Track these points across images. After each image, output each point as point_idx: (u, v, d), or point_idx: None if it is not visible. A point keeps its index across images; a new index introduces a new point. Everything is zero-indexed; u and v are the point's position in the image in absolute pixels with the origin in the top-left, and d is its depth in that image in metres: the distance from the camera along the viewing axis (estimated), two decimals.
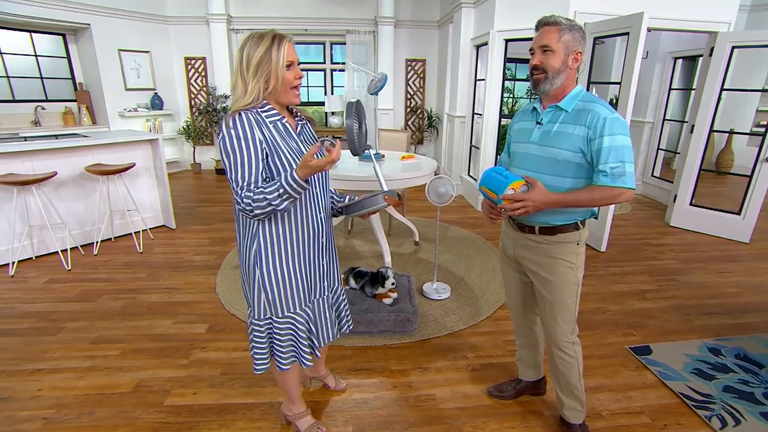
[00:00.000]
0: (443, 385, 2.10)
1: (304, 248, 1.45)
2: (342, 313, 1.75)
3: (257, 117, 1.29)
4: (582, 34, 1.44)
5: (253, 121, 1.27)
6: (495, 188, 1.46)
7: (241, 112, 1.26)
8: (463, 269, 3.43)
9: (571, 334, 1.63)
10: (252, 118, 1.27)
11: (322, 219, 1.48)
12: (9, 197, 3.32)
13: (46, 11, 5.37)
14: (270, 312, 1.47)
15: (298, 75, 1.34)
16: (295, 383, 1.72)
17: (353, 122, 1.58)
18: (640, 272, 3.42)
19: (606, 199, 1.40)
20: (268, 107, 1.33)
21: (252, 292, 1.45)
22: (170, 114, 6.88)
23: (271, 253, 1.39)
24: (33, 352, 2.34)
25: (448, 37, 6.09)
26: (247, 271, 1.44)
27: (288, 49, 1.29)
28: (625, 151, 1.37)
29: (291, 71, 1.31)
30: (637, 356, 2.30)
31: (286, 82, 1.30)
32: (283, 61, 1.27)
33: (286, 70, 1.29)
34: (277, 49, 1.27)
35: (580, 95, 1.48)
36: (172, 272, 3.34)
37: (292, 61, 1.31)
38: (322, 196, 1.48)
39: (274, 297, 1.44)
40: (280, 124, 1.34)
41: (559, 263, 1.56)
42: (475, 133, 5.55)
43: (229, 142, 1.25)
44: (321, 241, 1.51)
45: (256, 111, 1.30)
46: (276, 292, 1.43)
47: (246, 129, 1.25)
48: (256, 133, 1.26)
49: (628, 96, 3.37)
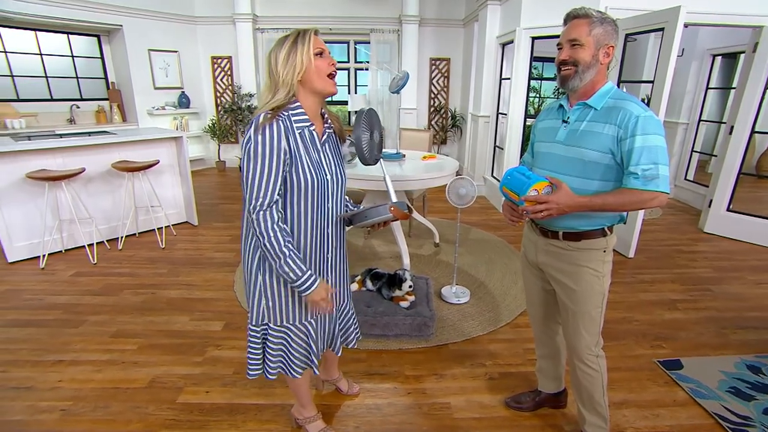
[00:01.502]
0: (459, 393, 2.03)
1: (313, 259, 1.41)
2: (350, 328, 1.70)
3: (286, 123, 1.24)
4: (614, 27, 1.35)
5: (282, 130, 1.22)
6: (517, 189, 1.38)
7: (273, 122, 1.20)
8: (484, 273, 3.34)
9: (595, 346, 1.54)
10: (282, 126, 1.22)
11: (330, 233, 1.44)
12: (41, 192, 3.43)
13: (83, 13, 5.58)
14: (267, 318, 1.43)
15: (332, 62, 1.28)
16: (305, 387, 1.69)
17: (362, 133, 1.50)
18: (671, 280, 3.25)
19: (636, 203, 1.31)
20: (298, 110, 1.28)
21: (252, 296, 1.42)
22: (196, 112, 7.01)
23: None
24: (56, 343, 2.39)
25: (473, 35, 5.98)
26: (249, 275, 1.40)
27: (315, 39, 1.26)
28: (659, 152, 1.27)
29: (323, 59, 1.27)
30: (667, 370, 2.17)
31: (318, 69, 1.26)
32: (309, 47, 1.24)
33: (319, 57, 1.26)
34: (302, 38, 1.24)
35: (610, 92, 1.38)
36: (192, 268, 3.38)
37: (322, 49, 1.27)
38: (333, 210, 1.43)
39: (275, 305, 1.40)
40: (306, 132, 1.30)
41: (583, 271, 1.47)
42: (500, 133, 5.43)
43: (253, 147, 1.19)
44: (328, 256, 1.46)
45: (287, 115, 1.25)
46: (277, 301, 1.40)
47: (274, 138, 1.20)
48: (282, 143, 1.21)
49: (662, 96, 3.20)
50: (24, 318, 2.65)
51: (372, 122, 1.55)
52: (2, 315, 2.68)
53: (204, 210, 4.81)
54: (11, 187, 3.37)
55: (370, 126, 1.54)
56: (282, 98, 1.24)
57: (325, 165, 1.35)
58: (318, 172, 1.32)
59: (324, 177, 1.34)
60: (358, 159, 1.53)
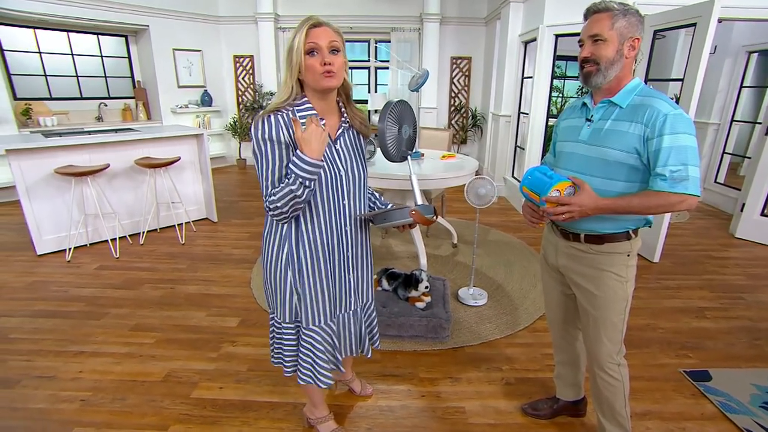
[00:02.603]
0: (474, 398, 1.99)
1: (329, 260, 1.38)
2: (374, 329, 1.67)
3: (284, 118, 1.22)
4: (639, 18, 1.29)
5: (281, 123, 1.21)
6: (538, 189, 1.33)
7: (270, 114, 1.22)
8: (502, 275, 3.28)
9: (616, 354, 1.47)
10: (281, 119, 1.21)
11: (348, 230, 1.40)
12: (68, 187, 3.53)
13: (113, 14, 5.75)
14: (299, 317, 1.42)
15: (324, 61, 1.19)
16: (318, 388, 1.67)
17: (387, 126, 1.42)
18: (698, 287, 3.11)
19: (663, 206, 1.24)
20: (306, 105, 1.26)
21: (282, 294, 1.39)
22: (218, 110, 7.12)
23: (303, 257, 1.34)
24: (79, 335, 2.45)
25: (495, 33, 5.88)
26: (275, 273, 1.37)
27: (310, 34, 1.18)
28: (689, 153, 1.20)
29: (315, 57, 1.19)
30: (694, 382, 2.07)
31: (309, 68, 1.20)
32: (301, 46, 1.19)
33: (309, 57, 1.19)
34: (298, 35, 1.19)
35: (637, 89, 1.32)
36: (210, 264, 3.42)
37: (316, 46, 1.18)
38: (349, 206, 1.39)
39: (306, 303, 1.39)
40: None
41: (606, 276, 1.41)
42: (521, 133, 5.32)
43: (258, 147, 1.22)
44: (348, 253, 1.42)
45: (291, 110, 1.24)
46: (308, 298, 1.38)
47: (273, 132, 1.20)
48: (282, 135, 1.21)
49: (692, 95, 3.07)
50: (50, 309, 2.73)
51: (402, 116, 1.46)
52: (31, 305, 2.77)
53: (224, 207, 4.87)
54: (41, 182, 3.48)
55: (399, 120, 1.46)
56: (285, 97, 1.23)
57: (338, 160, 1.33)
58: (330, 165, 1.30)
59: (336, 172, 1.32)
60: (382, 155, 1.46)
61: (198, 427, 1.79)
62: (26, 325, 2.54)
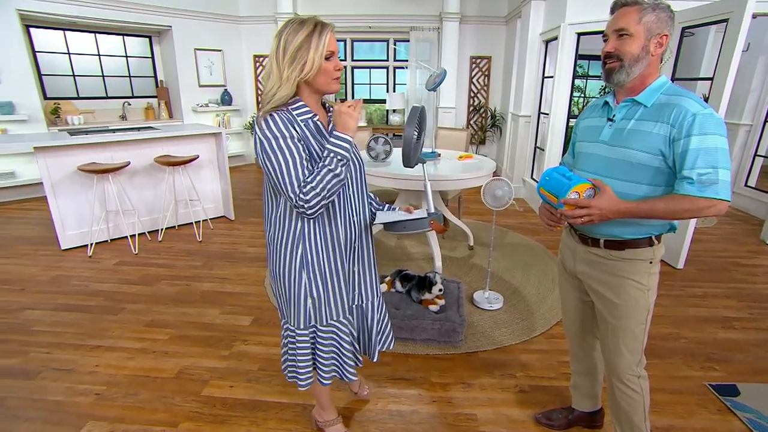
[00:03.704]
0: (486, 405, 1.94)
1: (342, 251, 1.37)
2: (387, 327, 1.63)
3: (288, 115, 1.22)
4: (669, 14, 1.22)
5: (286, 120, 1.20)
6: (556, 191, 1.27)
7: (273, 113, 1.20)
8: (519, 279, 3.21)
9: (636, 366, 1.40)
10: (284, 116, 1.21)
11: (355, 223, 1.40)
12: (90, 184, 3.62)
13: (137, 16, 5.89)
14: (314, 320, 1.39)
15: (338, 66, 1.25)
16: (326, 391, 1.66)
17: (413, 131, 1.41)
18: (725, 296, 2.98)
19: (690, 211, 1.17)
20: (299, 104, 1.25)
21: (297, 299, 1.36)
22: (238, 109, 7.21)
23: (318, 254, 1.32)
24: (96, 329, 2.50)
25: (516, 32, 5.78)
26: (288, 277, 1.34)
27: (330, 39, 1.21)
28: (719, 155, 1.13)
29: (331, 62, 1.23)
30: (720, 396, 1.97)
31: (324, 72, 1.22)
32: (323, 50, 1.19)
33: (326, 61, 1.21)
34: (318, 37, 1.18)
35: (663, 87, 1.25)
36: (226, 262, 3.45)
37: (333, 51, 1.22)
38: (355, 198, 1.40)
39: (321, 303, 1.37)
40: (311, 123, 1.27)
41: (627, 284, 1.34)
42: (541, 133, 5.22)
43: (269, 145, 1.18)
44: (355, 245, 1.42)
45: (287, 110, 1.23)
46: (323, 297, 1.37)
47: (282, 127, 1.19)
48: (293, 131, 1.20)
49: (722, 95, 2.93)
50: (71, 303, 2.80)
51: (422, 122, 1.48)
52: (53, 299, 2.84)
53: (241, 205, 4.92)
54: (66, 179, 3.57)
55: (420, 125, 1.46)
56: (283, 98, 1.21)
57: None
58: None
59: None
60: (402, 159, 1.44)
61: (207, 426, 1.79)
62: (48, 318, 2.61)
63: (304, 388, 1.47)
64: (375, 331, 1.55)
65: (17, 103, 5.02)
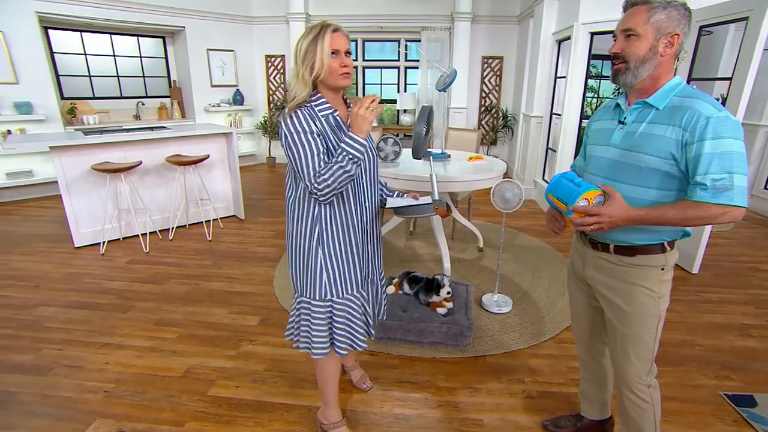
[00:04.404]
0: (493, 410, 1.91)
1: (356, 231, 1.49)
2: (383, 300, 1.75)
3: (311, 112, 1.34)
4: (683, 12, 1.17)
5: (308, 116, 1.33)
6: (564, 197, 1.24)
7: (297, 110, 1.33)
8: (529, 282, 3.16)
9: (646, 375, 1.37)
10: (306, 113, 1.33)
11: (367, 207, 1.52)
12: (103, 183, 3.67)
13: (152, 17, 5.97)
14: (331, 293, 1.49)
15: (343, 63, 1.34)
16: (334, 381, 1.68)
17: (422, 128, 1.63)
18: (743, 302, 2.90)
19: (703, 219, 1.13)
20: (321, 100, 1.37)
21: (314, 273, 1.47)
22: (250, 109, 7.26)
23: (333, 234, 1.45)
24: (106, 326, 2.54)
25: (528, 32, 5.72)
26: (307, 254, 1.46)
27: (333, 38, 1.31)
28: (734, 159, 1.09)
29: (336, 59, 1.33)
30: (736, 407, 1.91)
31: (330, 69, 1.33)
32: (326, 48, 1.31)
33: (331, 57, 1.32)
34: (321, 38, 1.31)
35: (676, 89, 1.21)
36: (235, 262, 3.47)
37: (337, 49, 1.32)
38: (367, 185, 1.51)
39: (336, 277, 1.47)
40: (331, 118, 1.39)
41: (637, 290, 1.31)
42: (553, 134, 5.15)
43: (291, 139, 1.32)
44: (366, 226, 1.53)
45: (310, 106, 1.35)
46: (338, 272, 1.48)
47: (303, 123, 1.31)
48: (313, 126, 1.33)
49: (741, 95, 2.86)
50: (82, 300, 2.84)
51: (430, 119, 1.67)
52: (66, 296, 2.89)
53: (251, 204, 4.95)
54: (79, 178, 3.63)
55: (428, 122, 1.67)
56: (304, 96, 1.34)
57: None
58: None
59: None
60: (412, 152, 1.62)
61: (213, 426, 1.80)
62: (61, 315, 2.65)
63: (318, 356, 1.54)
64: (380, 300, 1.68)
65: (35, 103, 5.13)
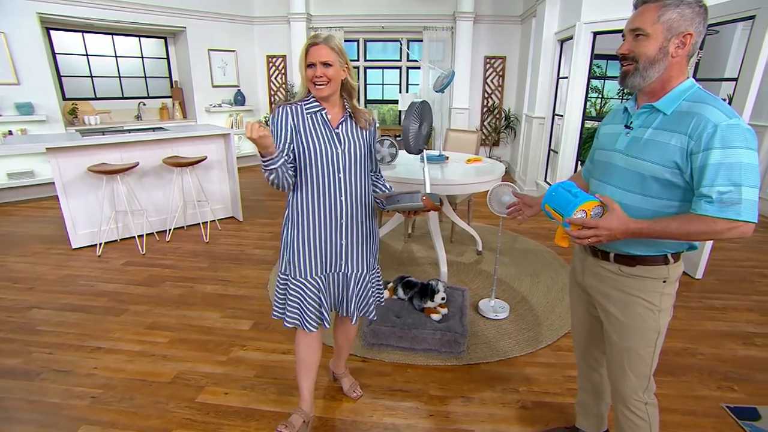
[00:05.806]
0: (486, 420, 1.86)
1: (321, 223, 1.56)
2: (371, 299, 1.71)
3: (295, 109, 1.51)
4: (697, 10, 1.09)
5: (289, 113, 1.50)
6: (561, 208, 1.18)
7: (280, 107, 1.50)
8: (527, 286, 3.11)
9: (643, 391, 1.31)
10: (289, 110, 1.50)
11: (342, 201, 1.56)
12: (100, 184, 3.65)
13: (153, 17, 5.97)
14: (289, 271, 1.61)
15: (315, 74, 1.46)
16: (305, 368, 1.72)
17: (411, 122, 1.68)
18: (748, 309, 2.82)
19: (707, 234, 1.06)
20: (311, 101, 1.53)
21: (281, 247, 1.65)
22: (251, 110, 7.24)
23: (293, 220, 1.59)
24: (98, 330, 2.51)
25: (531, 32, 5.65)
26: (282, 230, 1.65)
27: (309, 52, 1.45)
28: (743, 171, 1.01)
29: (310, 70, 1.47)
30: (738, 420, 1.85)
31: (305, 78, 1.50)
32: (301, 61, 1.48)
33: (308, 69, 1.47)
34: (304, 51, 1.47)
35: (687, 93, 1.13)
36: (230, 264, 3.44)
37: (312, 62, 1.45)
38: (346, 180, 1.56)
39: (293, 258, 1.59)
40: (319, 116, 1.53)
41: (635, 302, 1.25)
42: (555, 135, 5.08)
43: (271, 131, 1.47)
44: (340, 221, 1.58)
45: (299, 104, 1.52)
46: (295, 254, 1.59)
47: (277, 117, 1.50)
48: (289, 121, 1.49)
49: (747, 95, 2.79)
50: (76, 303, 2.82)
51: (423, 114, 1.69)
52: (59, 298, 2.87)
53: (249, 206, 4.92)
54: (76, 179, 3.61)
55: (421, 117, 1.69)
56: (300, 96, 1.55)
57: (336, 141, 1.53)
58: (327, 143, 1.52)
59: (333, 149, 1.52)
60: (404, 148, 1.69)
61: None
62: (53, 318, 2.63)
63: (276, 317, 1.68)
64: (355, 301, 1.68)
65: (36, 103, 5.13)
